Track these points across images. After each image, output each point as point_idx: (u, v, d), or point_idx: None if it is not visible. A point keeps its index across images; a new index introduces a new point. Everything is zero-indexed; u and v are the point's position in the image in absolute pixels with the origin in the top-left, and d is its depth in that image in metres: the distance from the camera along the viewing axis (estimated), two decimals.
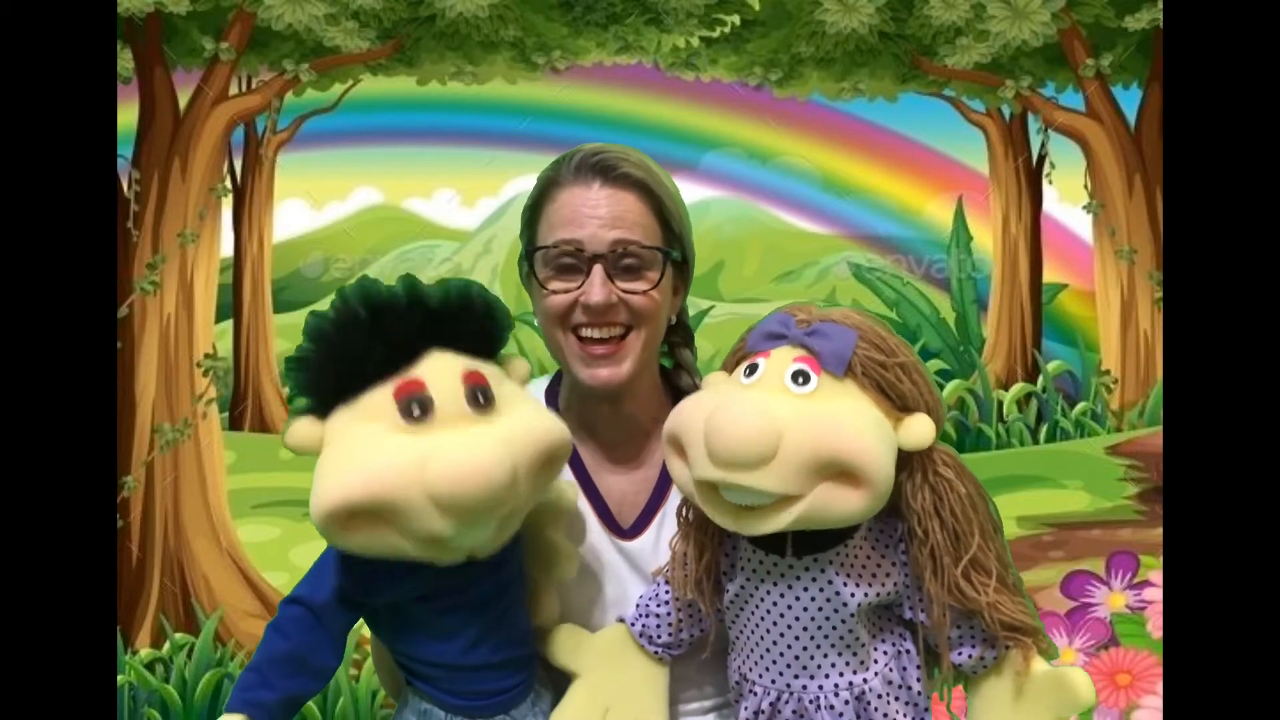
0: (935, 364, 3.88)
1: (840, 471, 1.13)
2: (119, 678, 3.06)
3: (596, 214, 1.35)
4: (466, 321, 1.20)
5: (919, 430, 1.18)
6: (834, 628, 1.22)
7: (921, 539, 1.20)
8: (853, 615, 1.21)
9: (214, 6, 3.32)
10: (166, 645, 3.23)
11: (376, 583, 1.21)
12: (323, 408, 1.17)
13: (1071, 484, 3.54)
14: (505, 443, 1.13)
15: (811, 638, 1.22)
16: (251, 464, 3.60)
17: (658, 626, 1.32)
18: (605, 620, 1.37)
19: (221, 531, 3.41)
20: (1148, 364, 3.69)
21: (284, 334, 3.94)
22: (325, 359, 1.17)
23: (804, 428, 1.13)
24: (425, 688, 1.27)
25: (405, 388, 1.14)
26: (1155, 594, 2.72)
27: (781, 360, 1.18)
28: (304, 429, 1.16)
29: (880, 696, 1.23)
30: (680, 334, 1.49)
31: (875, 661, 1.24)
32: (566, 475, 1.38)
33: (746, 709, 1.26)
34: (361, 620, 1.28)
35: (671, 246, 1.40)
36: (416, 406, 1.13)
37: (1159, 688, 2.57)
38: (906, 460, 1.19)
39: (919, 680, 1.25)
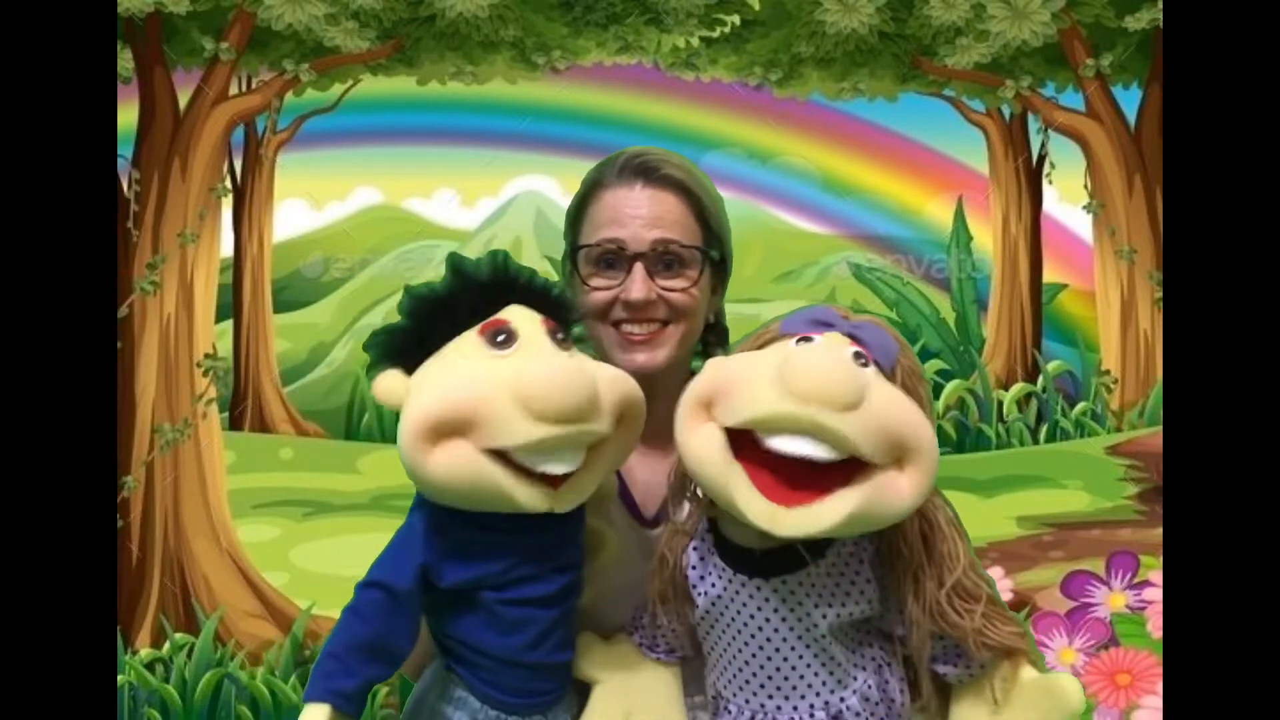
0: (935, 364, 3.88)
1: (905, 454, 1.09)
2: (119, 678, 3.06)
3: (638, 214, 1.41)
4: (545, 293, 1.24)
5: None
6: (807, 647, 1.19)
7: (906, 560, 1.18)
8: (825, 635, 1.19)
9: (214, 6, 3.32)
10: (166, 645, 3.23)
11: (457, 560, 1.20)
12: (409, 367, 1.20)
13: (1071, 484, 3.54)
14: (590, 369, 1.17)
15: (785, 658, 1.20)
16: (251, 464, 3.60)
17: (653, 636, 1.32)
18: (627, 608, 1.37)
19: (221, 531, 3.41)
20: (1148, 364, 3.69)
21: (284, 334, 3.94)
22: (412, 318, 1.21)
23: (886, 394, 1.11)
24: (470, 676, 1.26)
25: (490, 323, 1.19)
26: (1155, 594, 2.72)
27: (837, 341, 1.16)
28: (392, 378, 1.19)
29: (858, 715, 1.20)
30: (715, 334, 1.53)
31: (854, 679, 1.21)
32: None
33: None
34: None
35: (710, 246, 1.45)
36: (502, 335, 1.18)
37: (1159, 688, 2.57)
38: None
39: (903, 694, 1.23)
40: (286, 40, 3.41)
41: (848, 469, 1.08)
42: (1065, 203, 3.91)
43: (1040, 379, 3.87)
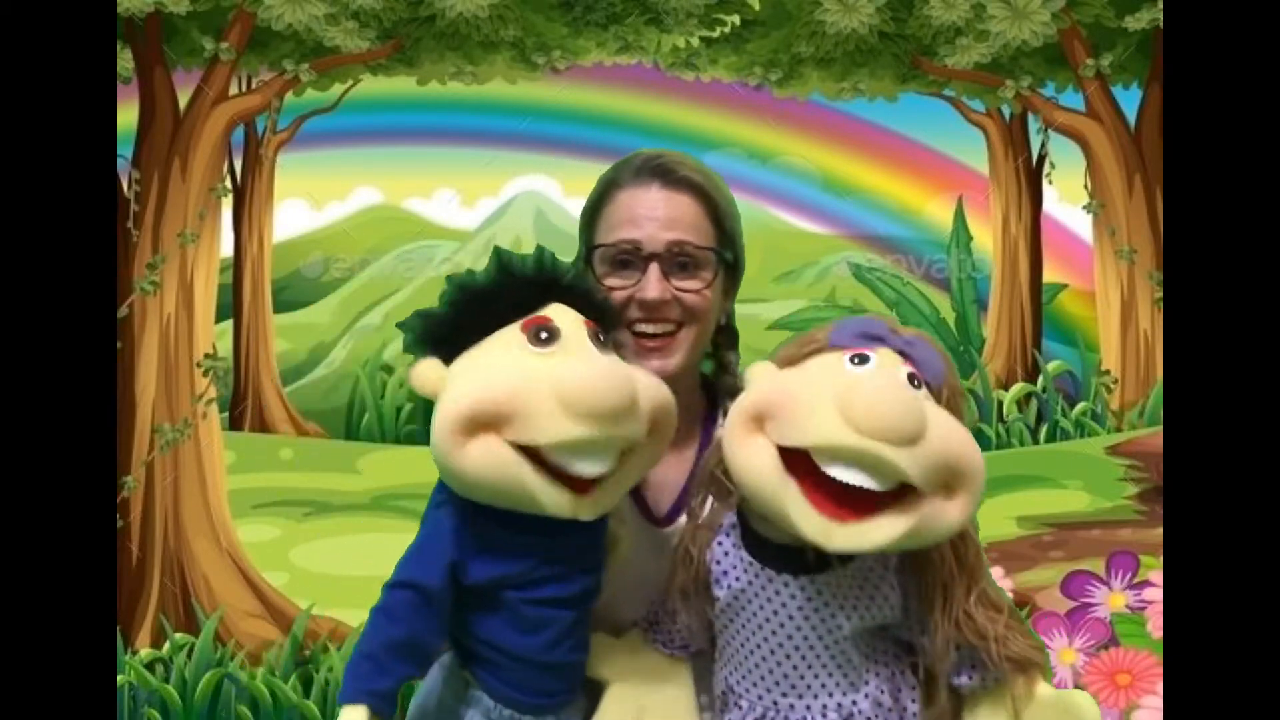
0: None
1: (949, 482, 1.11)
2: (119, 678, 3.06)
3: (654, 215, 1.41)
4: (588, 295, 1.26)
5: None
6: (826, 648, 1.20)
7: (937, 569, 1.19)
8: (846, 638, 1.20)
9: (214, 6, 3.32)
10: (166, 645, 3.23)
11: (483, 558, 1.21)
12: (447, 356, 1.20)
13: (1071, 484, 3.54)
14: (629, 372, 1.18)
15: (803, 657, 1.20)
16: (251, 464, 3.60)
17: (669, 632, 1.32)
18: (639, 605, 1.38)
19: (221, 531, 3.41)
20: (1148, 364, 3.69)
21: (284, 334, 3.94)
22: (453, 307, 1.21)
23: (944, 425, 1.11)
24: (484, 674, 1.26)
25: (533, 320, 1.19)
26: (1155, 594, 2.71)
27: (890, 360, 1.17)
28: (430, 366, 1.19)
29: (869, 718, 1.21)
30: (725, 336, 1.53)
31: (866, 684, 1.22)
32: None
33: None
34: None
35: (724, 248, 1.45)
36: (545, 332, 1.18)
37: (1159, 688, 2.57)
38: None
39: (914, 702, 1.24)
40: (286, 40, 3.41)
41: (899, 492, 1.11)
42: (1065, 203, 3.91)
43: (1040, 379, 3.87)
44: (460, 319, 1.21)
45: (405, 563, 1.22)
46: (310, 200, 3.91)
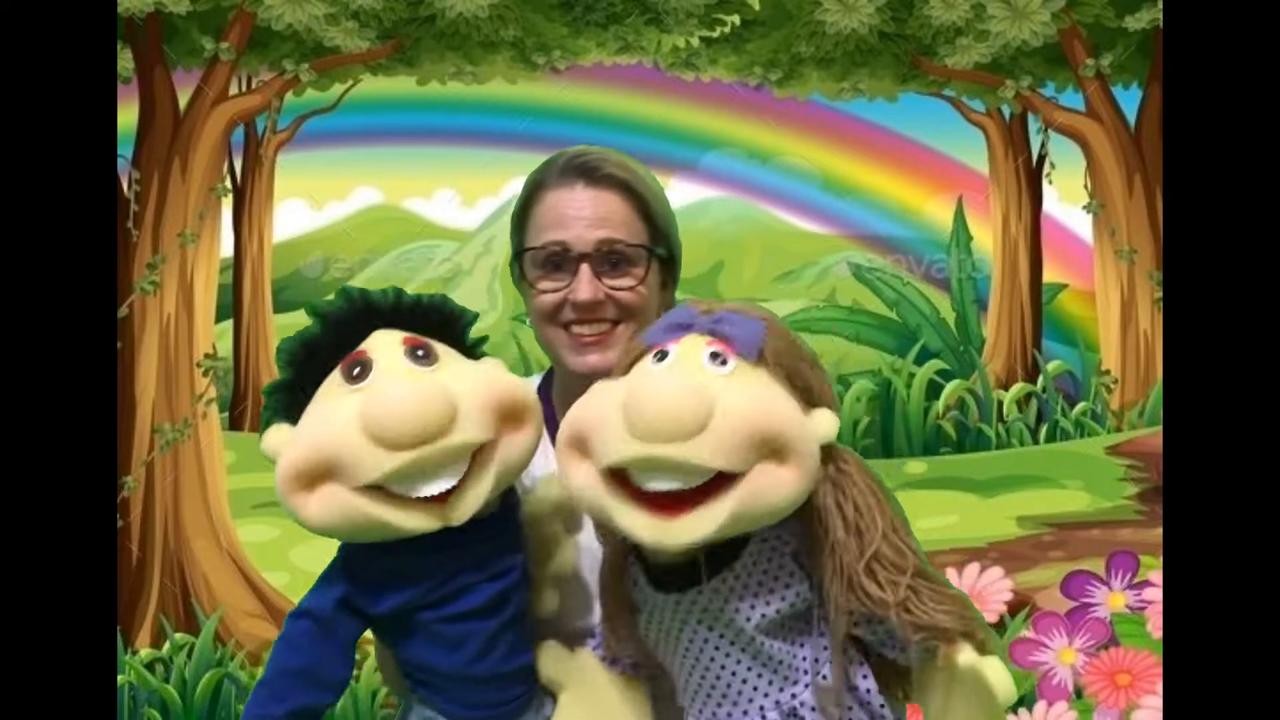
0: (935, 364, 3.89)
1: (773, 450, 1.07)
2: (119, 678, 3.06)
3: (581, 215, 1.39)
4: (413, 309, 1.23)
5: (826, 424, 1.13)
6: (743, 650, 1.17)
7: (822, 537, 1.13)
8: (754, 637, 1.16)
9: (214, 6, 3.32)
10: (166, 645, 3.23)
11: (380, 588, 1.21)
12: (292, 419, 1.19)
13: (1071, 484, 3.54)
14: (443, 382, 1.15)
15: (722, 666, 1.17)
16: (251, 464, 3.60)
17: (612, 654, 1.29)
18: (592, 614, 1.36)
19: (221, 531, 3.41)
20: (1148, 364, 3.69)
21: (284, 334, 3.93)
22: (290, 368, 1.21)
23: (738, 400, 1.08)
24: (431, 697, 1.26)
25: (348, 358, 1.18)
26: (1155, 594, 2.71)
27: (693, 345, 1.13)
28: (275, 433, 1.18)
29: (815, 709, 1.16)
30: None
31: (804, 674, 1.17)
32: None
33: None
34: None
35: (656, 243, 1.43)
36: (357, 367, 1.16)
37: (1159, 688, 2.57)
38: None
39: (865, 678, 1.17)
40: (286, 40, 3.41)
41: (723, 478, 1.08)
42: (1065, 203, 3.92)
43: (1040, 379, 3.87)
44: (298, 379, 1.20)
45: (309, 592, 1.24)
46: (310, 200, 3.91)
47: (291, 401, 1.20)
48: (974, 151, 3.96)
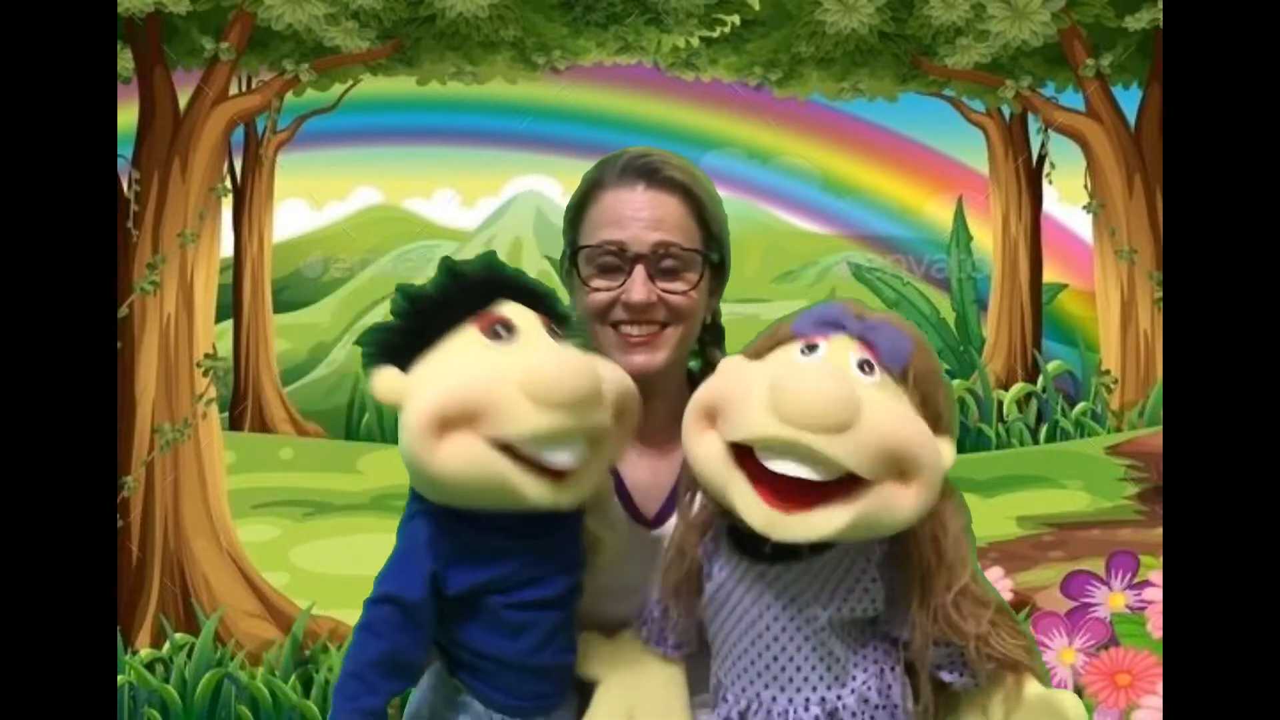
0: None
1: (902, 469, 1.11)
2: (119, 678, 3.06)
3: (639, 216, 1.40)
4: (536, 292, 1.26)
5: (949, 454, 1.17)
6: (805, 639, 1.19)
7: (915, 562, 1.18)
8: (824, 629, 1.19)
9: (214, 6, 3.32)
10: (166, 645, 3.23)
11: (460, 565, 1.20)
12: (404, 366, 1.20)
13: (1071, 484, 3.54)
14: (591, 360, 1.18)
15: (783, 648, 1.20)
16: (251, 464, 3.61)
17: (660, 630, 1.32)
18: (628, 607, 1.37)
19: (221, 531, 3.41)
20: (1148, 364, 3.69)
21: (284, 334, 3.95)
22: (405, 317, 1.21)
23: (883, 411, 1.11)
24: (473, 681, 1.26)
25: (489, 317, 1.20)
26: (1155, 594, 2.71)
27: (843, 346, 1.17)
28: (389, 377, 1.18)
29: (855, 715, 1.20)
30: (712, 334, 1.52)
31: (853, 679, 1.21)
32: None
33: (719, 716, 1.24)
34: None
35: (710, 249, 1.44)
36: (502, 329, 1.19)
37: (1159, 688, 2.57)
38: None
39: (905, 699, 1.22)
40: (286, 40, 3.41)
41: (848, 482, 1.11)
42: (1065, 203, 3.92)
43: (1040, 379, 3.87)
44: (414, 327, 1.21)
45: (384, 577, 1.22)
46: (310, 200, 3.91)
47: (400, 346, 1.20)
48: (974, 151, 3.96)
